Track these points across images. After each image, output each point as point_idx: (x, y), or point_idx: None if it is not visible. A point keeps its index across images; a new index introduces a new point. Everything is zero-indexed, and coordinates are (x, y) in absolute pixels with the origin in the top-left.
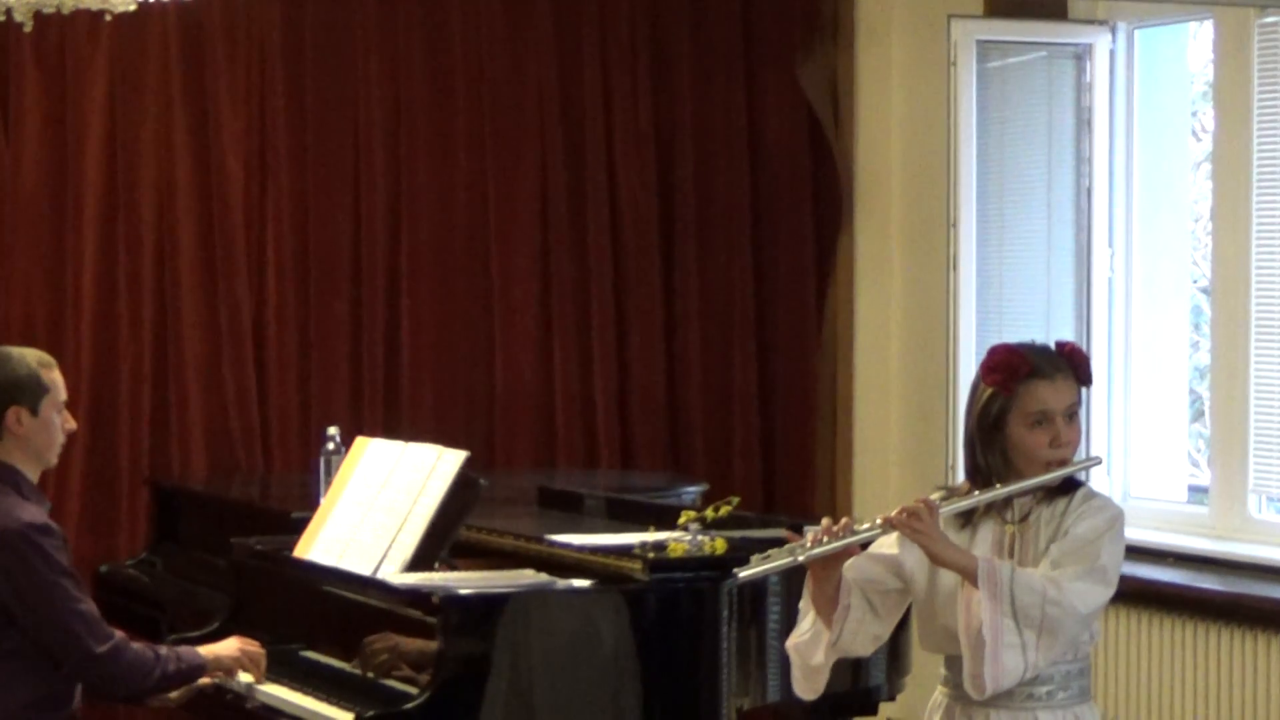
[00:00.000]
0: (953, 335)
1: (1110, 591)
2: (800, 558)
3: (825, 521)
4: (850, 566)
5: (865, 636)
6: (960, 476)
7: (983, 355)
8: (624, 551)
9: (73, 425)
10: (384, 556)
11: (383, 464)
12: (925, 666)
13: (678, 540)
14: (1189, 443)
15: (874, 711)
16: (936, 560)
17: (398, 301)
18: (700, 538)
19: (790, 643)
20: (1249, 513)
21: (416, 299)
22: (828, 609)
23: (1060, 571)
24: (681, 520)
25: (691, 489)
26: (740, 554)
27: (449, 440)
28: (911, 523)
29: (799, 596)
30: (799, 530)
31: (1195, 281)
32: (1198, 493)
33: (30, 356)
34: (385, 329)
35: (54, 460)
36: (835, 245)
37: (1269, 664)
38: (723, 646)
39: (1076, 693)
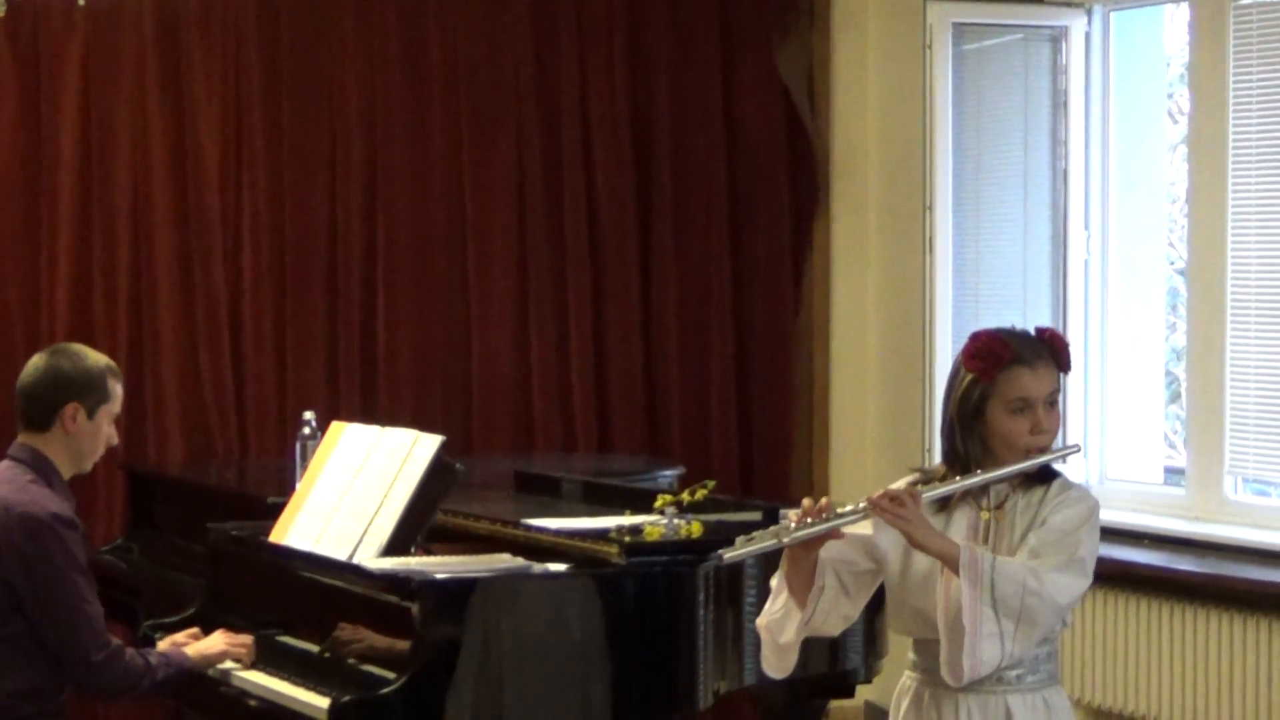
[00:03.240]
0: (929, 318)
1: (1088, 583)
2: (784, 540)
3: (806, 503)
4: (824, 546)
5: (836, 616)
6: (937, 459)
7: (960, 338)
8: (600, 535)
9: (116, 440)
10: (360, 541)
11: (359, 449)
12: (902, 649)
13: (654, 524)
14: (1165, 424)
15: (851, 694)
16: (919, 546)
17: (374, 287)
18: (676, 521)
19: (761, 621)
20: (1225, 494)
21: (393, 284)
22: (802, 588)
23: (1040, 562)
24: (658, 504)
25: (668, 473)
26: (716, 537)
27: (425, 425)
28: (895, 508)
29: None
30: (774, 516)
31: (1171, 263)
32: (1174, 474)
33: (102, 360)
34: (361, 314)
35: (88, 468)
36: (812, 229)
37: (1245, 645)
38: (699, 630)
39: (1045, 676)
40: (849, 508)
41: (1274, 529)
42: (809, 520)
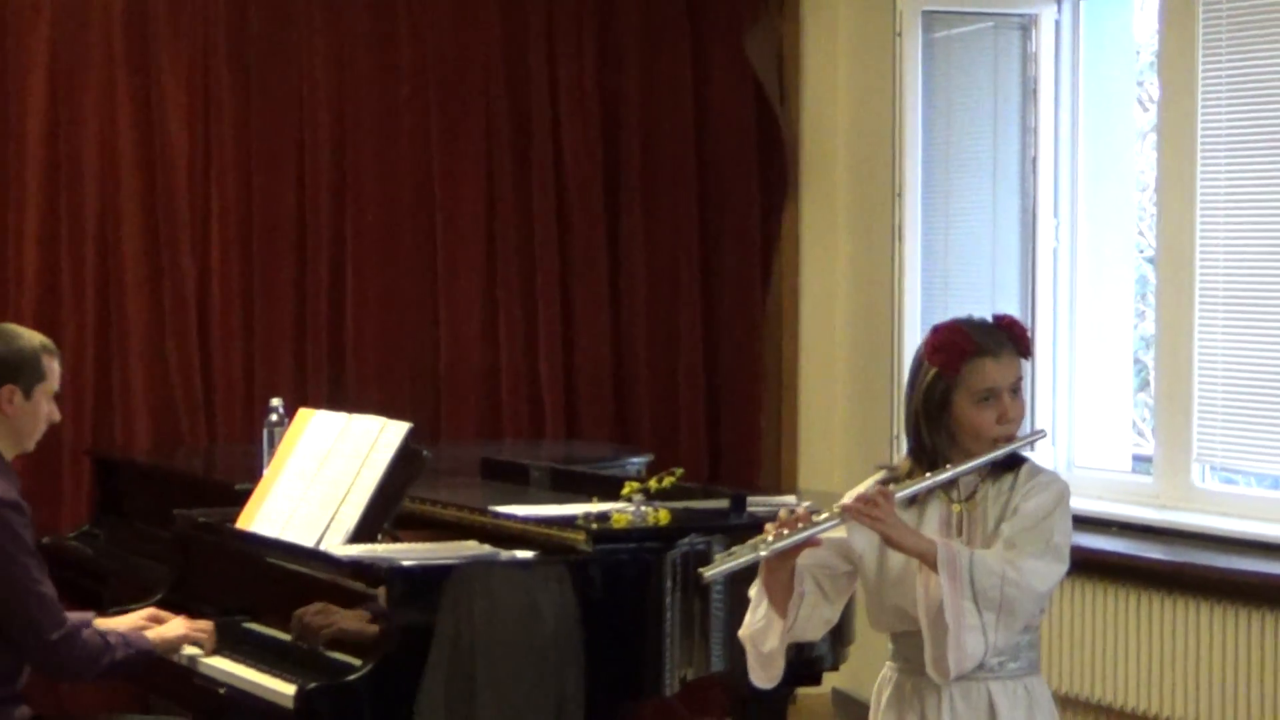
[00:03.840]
0: (898, 305)
1: (1065, 567)
2: (763, 552)
3: (783, 514)
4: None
5: (817, 621)
6: (904, 450)
7: (928, 325)
8: (567, 523)
9: (58, 417)
10: (327, 528)
11: (326, 435)
12: (868, 635)
13: (621, 511)
14: (1134, 412)
15: (818, 681)
16: (896, 547)
17: (342, 272)
18: (644, 509)
19: (743, 633)
20: (1193, 482)
21: (361, 270)
22: (781, 596)
23: (1016, 551)
24: (625, 491)
25: (636, 460)
26: (684, 525)
27: (393, 412)
28: (870, 511)
29: (741, 569)
30: (742, 504)
31: (1141, 251)
32: (1142, 462)
33: (36, 339)
34: (330, 300)
35: (31, 447)
36: (781, 215)
37: (1213, 633)
38: (666, 617)
39: (1026, 664)
40: (824, 515)
41: (1242, 517)
42: (785, 531)
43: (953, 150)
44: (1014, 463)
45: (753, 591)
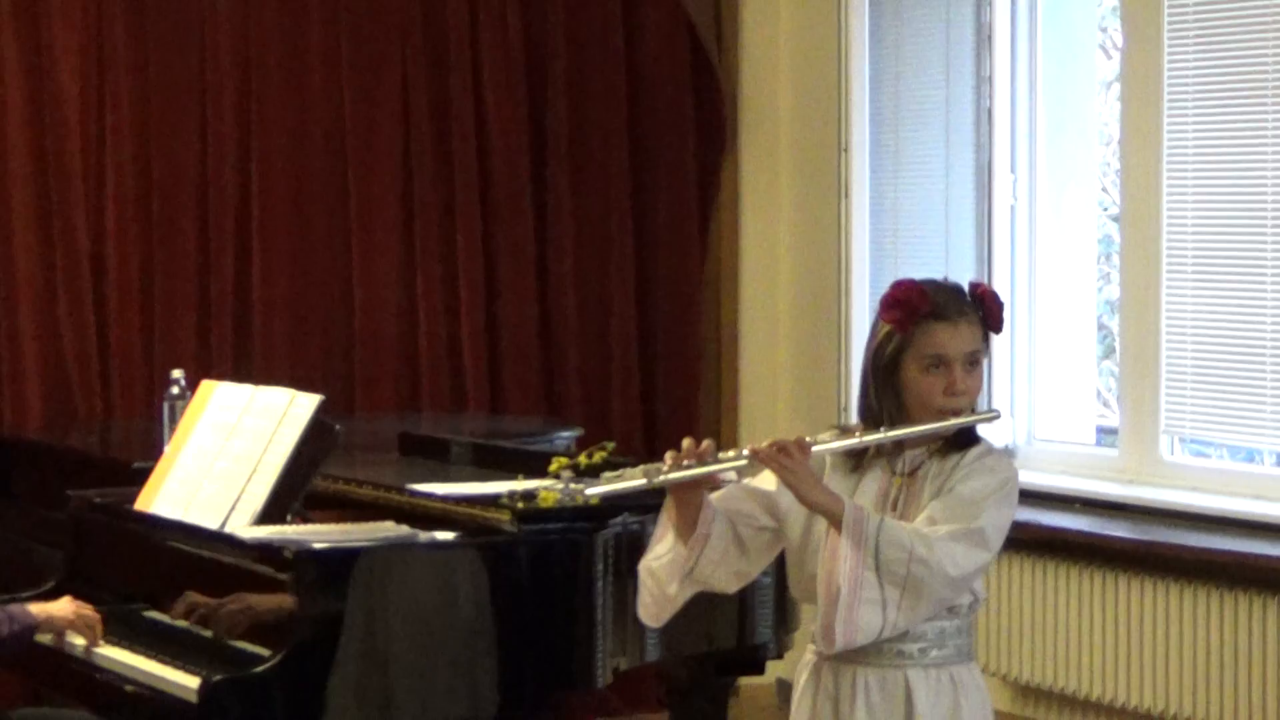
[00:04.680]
0: (845, 267)
1: (988, 557)
2: (654, 480)
3: (687, 443)
4: (722, 496)
5: (726, 571)
6: (855, 418)
7: (878, 289)
8: (491, 502)
9: None
10: (232, 509)
11: (231, 409)
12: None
13: (549, 489)
14: (1098, 381)
15: (761, 670)
16: (803, 501)
17: (248, 234)
18: (573, 486)
19: (644, 564)
20: (1161, 455)
21: (269, 231)
22: (687, 533)
23: (934, 529)
24: (553, 467)
25: (565, 434)
26: (616, 504)
27: (304, 383)
28: (780, 458)
29: None
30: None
31: (1104, 209)
32: (1107, 434)
33: None
34: (235, 264)
35: None
36: (719, 172)
37: (1183, 616)
38: (598, 603)
39: (953, 652)
40: (731, 454)
41: (1212, 492)
42: (685, 463)
43: (902, 101)
44: (965, 442)
45: (660, 524)
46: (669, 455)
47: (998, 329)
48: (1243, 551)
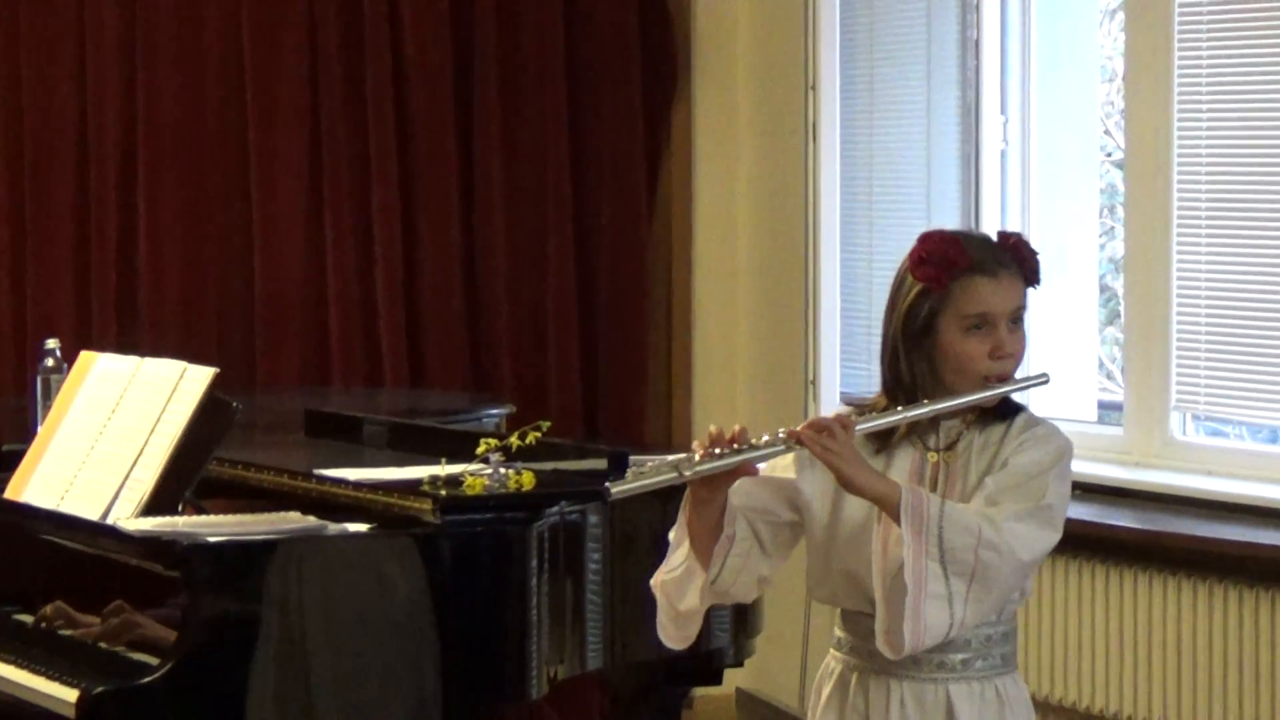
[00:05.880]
0: (812, 223)
1: (1056, 537)
2: (685, 473)
3: (713, 429)
4: (735, 490)
5: (749, 577)
6: (832, 392)
7: (850, 246)
8: (410, 488)
9: None
10: (115, 497)
11: (114, 384)
12: (778, 625)
13: (476, 474)
14: (1100, 350)
15: (717, 680)
16: (850, 486)
17: (133, 187)
18: (504, 471)
19: (657, 579)
20: (1171, 434)
21: (156, 184)
22: (706, 540)
23: (998, 509)
24: (481, 450)
25: (495, 411)
26: (552, 491)
27: (197, 355)
28: (823, 439)
29: (624, 543)
30: (624, 463)
31: (1107, 154)
32: (1111, 410)
33: None
34: (119, 220)
35: None
36: (669, 116)
37: (1194, 615)
38: (532, 603)
39: (998, 662)
40: (765, 439)
41: (1228, 476)
42: (717, 451)
43: (877, 32)
44: (1008, 411)
45: (673, 533)
46: (697, 444)
47: (1037, 281)
48: (1263, 543)
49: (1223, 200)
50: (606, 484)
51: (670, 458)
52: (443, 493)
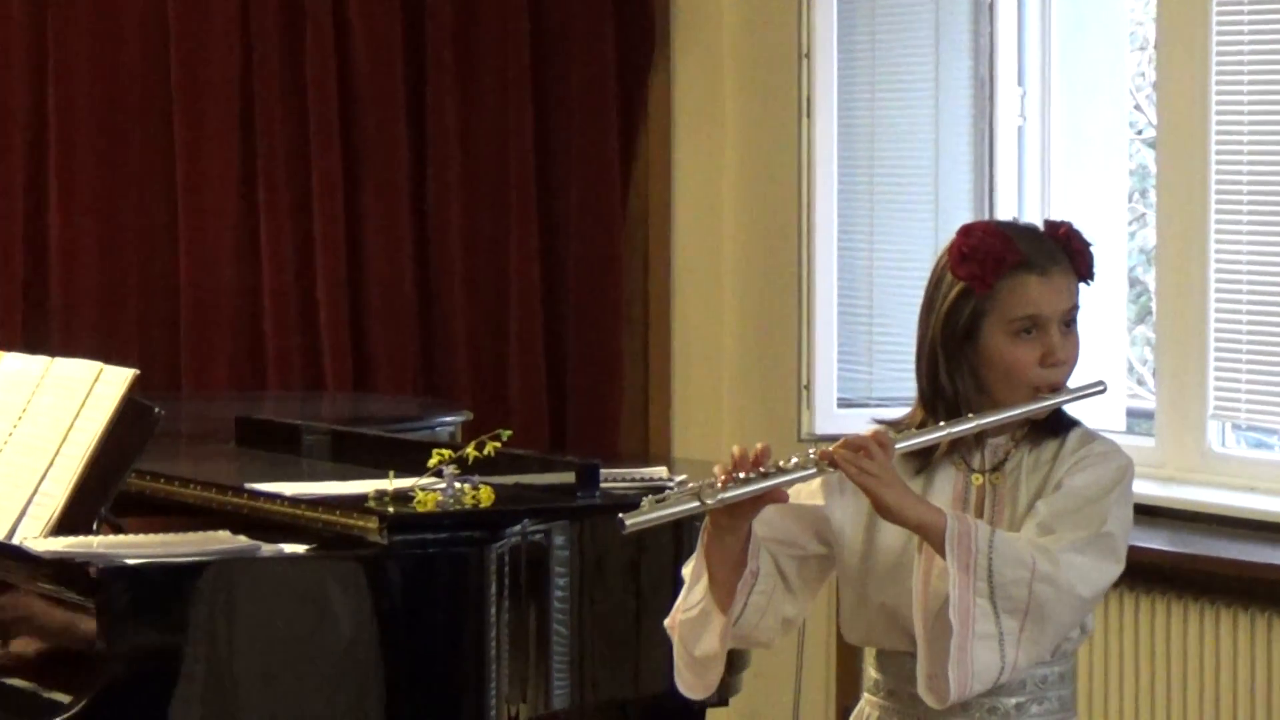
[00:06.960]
0: (807, 207)
1: (1118, 569)
2: (708, 501)
3: (736, 450)
4: (758, 520)
5: (773, 618)
6: (829, 398)
7: (849, 233)
8: (354, 505)
9: None
10: (21, 514)
11: (20, 386)
12: (768, 661)
13: (428, 489)
14: (1130, 351)
15: None
16: (889, 514)
17: (44, 167)
18: (459, 486)
19: (672, 620)
20: (1208, 446)
21: (70, 164)
22: (727, 575)
23: (1053, 538)
24: (434, 462)
25: (449, 419)
26: (513, 507)
27: (116, 355)
28: (859, 460)
29: (594, 567)
30: (594, 476)
31: (1138, 131)
32: (1141, 419)
33: None
34: (25, 201)
35: None
36: (646, 87)
37: (1235, 645)
38: (490, 634)
39: (1055, 706)
40: (794, 460)
41: (1270, 493)
42: (740, 475)
43: None
44: (1061, 426)
45: (687, 570)
46: (718, 468)
47: (1091, 277)
48: None
49: (1266, 183)
50: (620, 515)
51: (692, 485)
52: (390, 510)
